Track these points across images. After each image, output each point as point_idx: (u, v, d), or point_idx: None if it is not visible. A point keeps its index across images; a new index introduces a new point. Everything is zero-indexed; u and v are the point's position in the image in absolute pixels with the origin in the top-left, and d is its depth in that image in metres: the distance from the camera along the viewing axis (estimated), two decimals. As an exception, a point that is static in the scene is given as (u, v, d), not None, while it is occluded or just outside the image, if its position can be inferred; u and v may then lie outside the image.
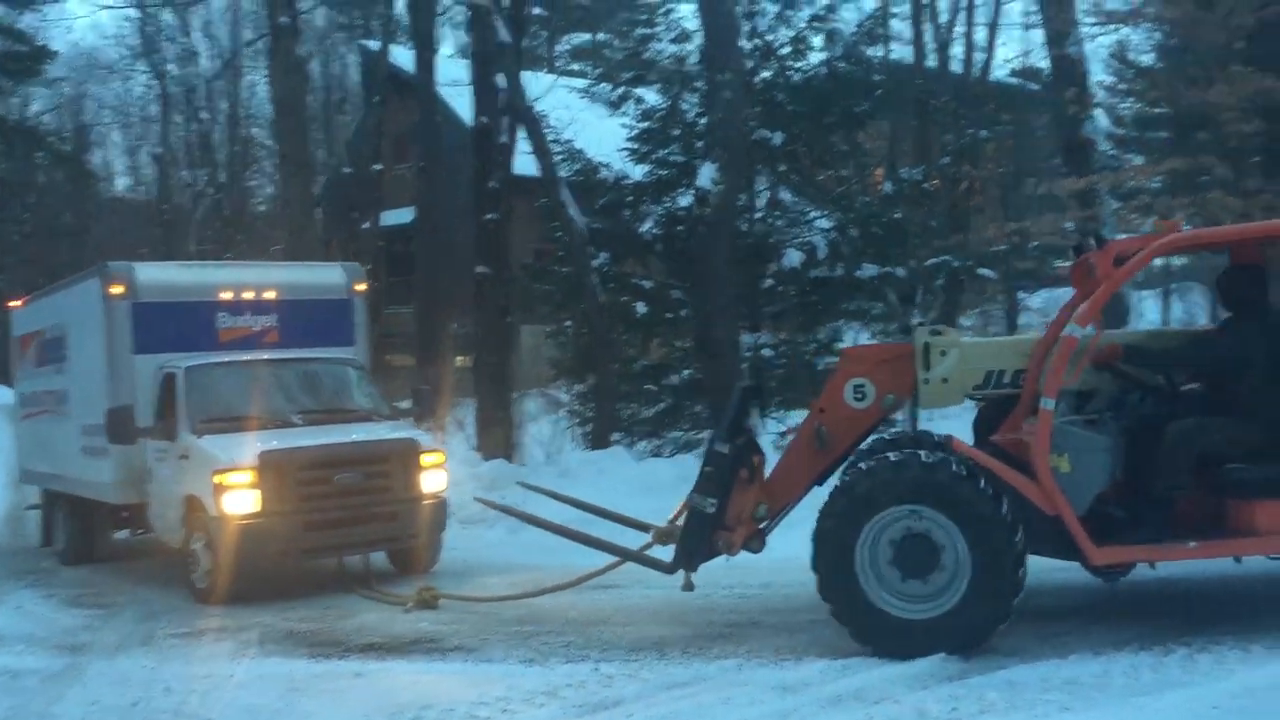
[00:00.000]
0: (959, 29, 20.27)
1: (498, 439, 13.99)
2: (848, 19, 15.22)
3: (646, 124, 14.71)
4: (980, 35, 20.38)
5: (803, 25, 14.58)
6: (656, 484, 11.38)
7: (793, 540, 8.74)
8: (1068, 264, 8.07)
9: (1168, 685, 5.36)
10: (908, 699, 5.47)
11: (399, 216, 23.05)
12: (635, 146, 14.85)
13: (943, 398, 6.87)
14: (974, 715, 5.20)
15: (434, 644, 7.19)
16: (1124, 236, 6.70)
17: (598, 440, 13.78)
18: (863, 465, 6.27)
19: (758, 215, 14.39)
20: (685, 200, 13.63)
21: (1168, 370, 6.55)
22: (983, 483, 5.98)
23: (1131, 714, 5.02)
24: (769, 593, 7.90)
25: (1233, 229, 7.64)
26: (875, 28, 15.92)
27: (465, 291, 15.95)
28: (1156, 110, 18.70)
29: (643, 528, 7.58)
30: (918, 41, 20.33)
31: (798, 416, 14.32)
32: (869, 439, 7.14)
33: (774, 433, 13.90)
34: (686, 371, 14.16)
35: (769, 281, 14.27)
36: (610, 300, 14.24)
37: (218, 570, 8.68)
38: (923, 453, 6.24)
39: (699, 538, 6.74)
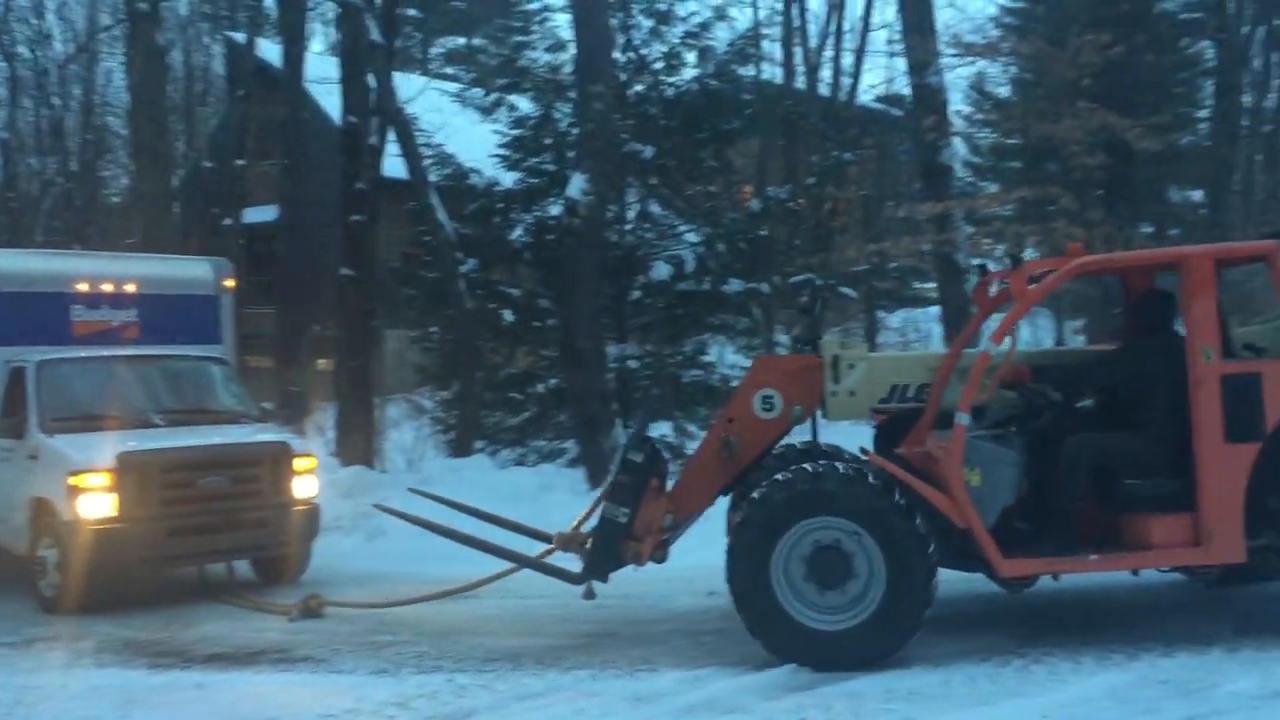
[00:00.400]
0: (828, 53, 20.84)
1: (358, 444, 13.72)
2: (721, 37, 15.41)
3: (519, 131, 14.65)
4: (848, 60, 20.99)
5: (676, 41, 14.72)
6: (519, 492, 11.34)
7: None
8: (931, 285, 8.35)
9: (1004, 695, 5.58)
10: (758, 709, 5.57)
11: (261, 214, 22.46)
12: (507, 154, 14.77)
13: (850, 410, 7.01)
14: (820, 725, 5.32)
15: (281, 654, 7.00)
16: (1038, 257, 6.90)
17: (460, 447, 13.65)
18: (781, 477, 6.26)
19: (627, 227, 14.47)
20: (556, 209, 13.62)
21: (1075, 389, 6.79)
22: (898, 496, 6.09)
23: (968, 723, 5.22)
24: (627, 604, 7.91)
25: (1137, 255, 7.95)
26: (747, 47, 16.12)
27: (329, 293, 15.62)
28: (1010, 141, 19.50)
29: (542, 537, 7.56)
30: (788, 63, 20.83)
31: (662, 428, 14.48)
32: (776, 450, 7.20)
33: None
34: (552, 380, 14.14)
35: (637, 293, 14.36)
36: (477, 307, 14.12)
37: (69, 578, 8.22)
38: (840, 465, 6.34)
39: (610, 547, 6.71)
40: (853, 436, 7.72)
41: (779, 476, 6.26)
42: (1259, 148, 23.88)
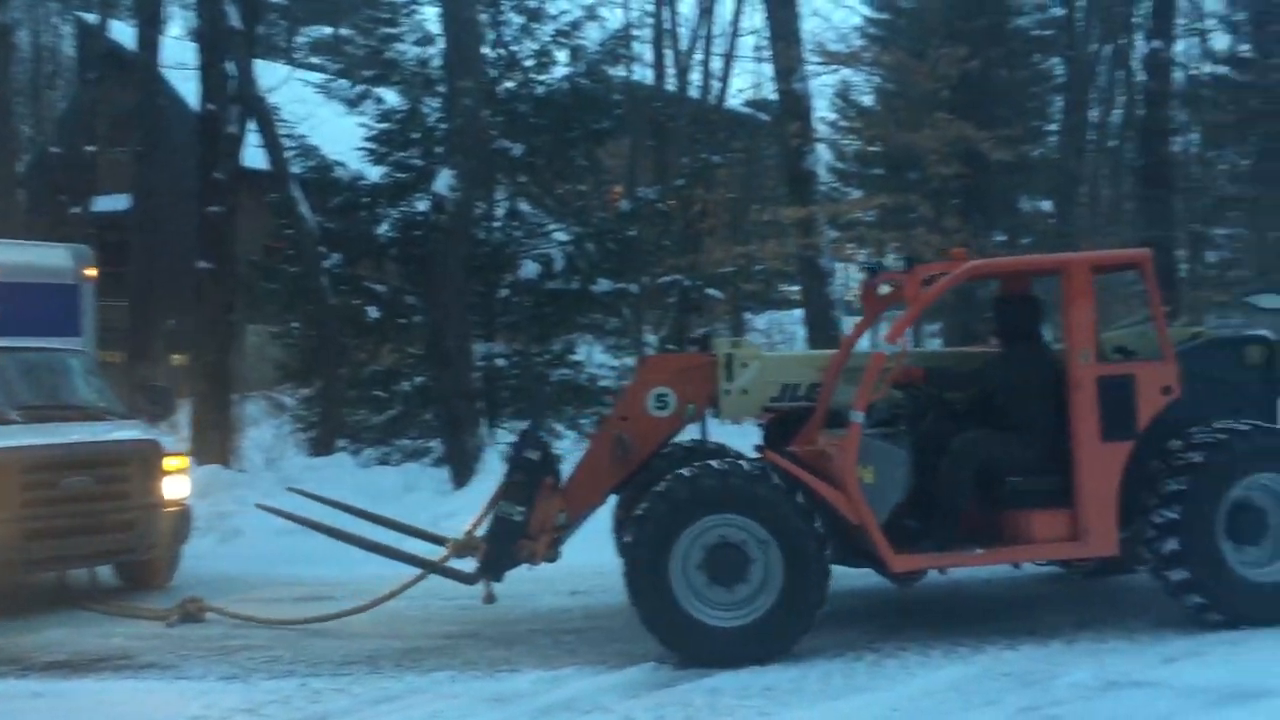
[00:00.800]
0: (698, 56, 21.04)
1: (214, 443, 13.29)
2: (592, 37, 15.43)
3: (386, 125, 14.41)
4: (717, 64, 21.25)
5: (547, 39, 14.69)
6: (382, 492, 11.17)
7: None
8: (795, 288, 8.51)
9: (856, 690, 5.71)
10: (618, 707, 5.58)
11: (113, 203, 21.51)
12: (373, 147, 14.52)
13: (743, 409, 7.09)
14: (678, 722, 5.37)
15: (126, 660, 6.74)
16: (931, 261, 7.06)
17: (322, 446, 13.36)
18: (685, 473, 6.24)
19: (496, 225, 14.37)
20: (423, 205, 13.46)
21: (962, 390, 6.97)
22: (795, 493, 6.17)
23: (820, 717, 5.32)
24: (490, 604, 7.86)
25: (1022, 260, 8.19)
26: (618, 48, 16.20)
27: (185, 286, 15.09)
28: (873, 149, 20.03)
29: (429, 537, 7.40)
30: (658, 65, 20.96)
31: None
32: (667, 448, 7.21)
33: (504, 443, 13.93)
34: (418, 379, 13.95)
35: (505, 291, 14.27)
36: (341, 303, 13.84)
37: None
38: (742, 462, 6.40)
39: (505, 547, 6.64)
40: (736, 436, 7.82)
41: (681, 472, 6.25)
42: (1105, 161, 25.05)
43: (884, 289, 7.49)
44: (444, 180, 11.83)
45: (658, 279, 17.03)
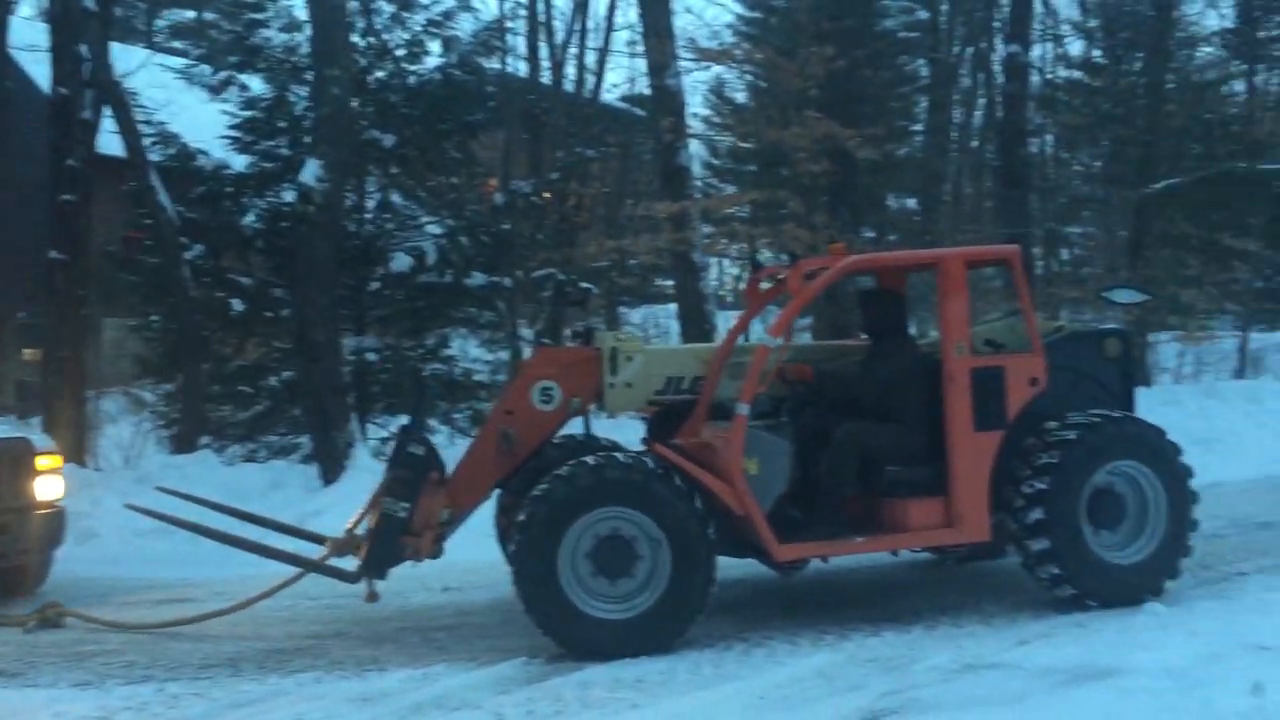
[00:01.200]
0: (573, 50, 21.00)
1: (68, 441, 12.73)
2: (465, 28, 15.25)
3: (250, 113, 14.01)
4: (592, 58, 21.24)
5: (419, 28, 14.48)
6: (247, 490, 10.89)
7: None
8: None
9: (725, 679, 5.78)
10: (487, 703, 5.54)
11: (-42, 190, 20.48)
12: (238, 135, 14.10)
13: (627, 402, 7.10)
14: (549, 716, 5.33)
15: (-30, 670, 6.43)
16: (814, 256, 7.17)
17: (184, 444, 12.94)
18: (563, 471, 6.21)
19: (367, 216, 14.12)
20: (290, 195, 13.11)
21: (845, 384, 7.07)
22: (681, 484, 6.19)
23: (689, 707, 5.36)
24: (359, 603, 7.67)
25: (902, 254, 8.42)
26: (491, 39, 16.07)
27: (35, 278, 14.43)
28: (745, 145, 20.30)
29: (309, 536, 7.20)
30: (533, 58, 20.85)
31: (401, 422, 14.21)
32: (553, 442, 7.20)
33: (375, 439, 13.70)
34: (286, 373, 13.61)
35: (376, 284, 14.03)
36: (204, 296, 13.41)
37: None
38: (622, 455, 6.39)
39: (390, 544, 6.50)
40: (614, 431, 7.82)
41: (561, 470, 6.22)
42: (967, 161, 25.87)
43: (766, 284, 7.60)
44: (311, 170, 11.55)
45: (532, 273, 16.96)
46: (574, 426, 7.43)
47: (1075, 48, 26.22)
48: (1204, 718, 4.76)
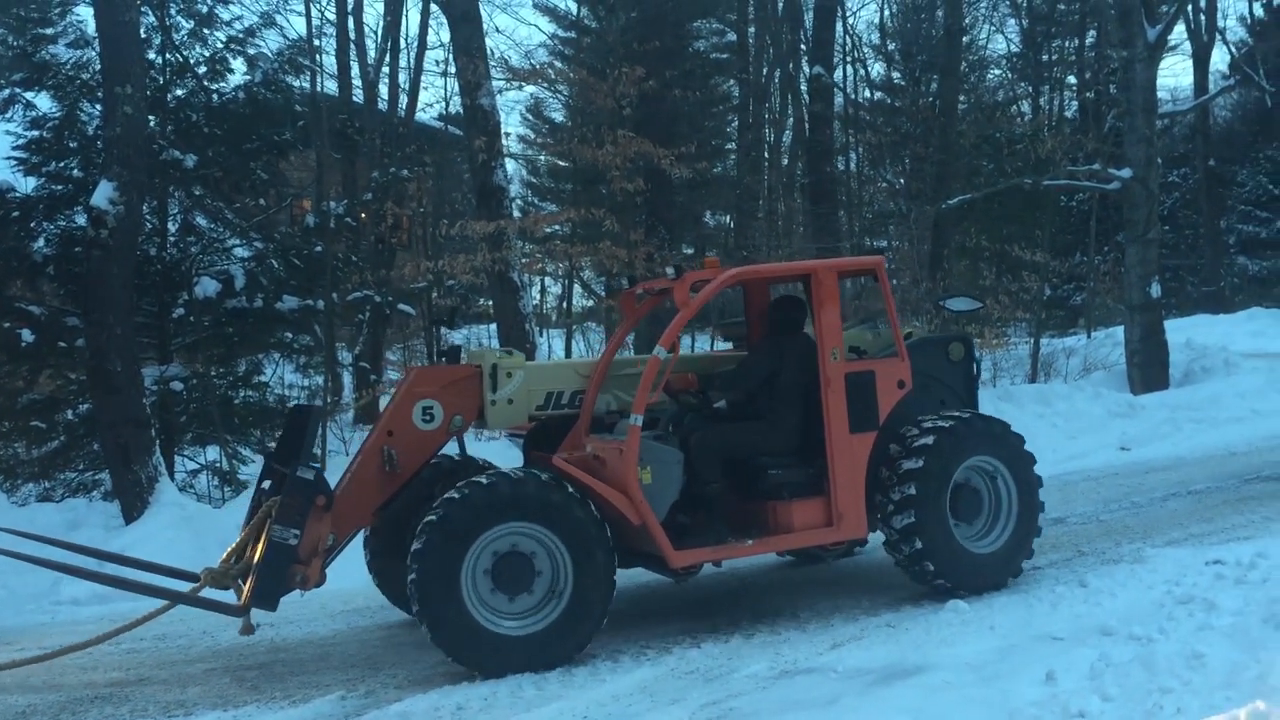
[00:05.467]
0: (385, 69, 20.67)
1: None
2: (272, 45, 14.79)
3: (37, 133, 13.23)
4: (405, 78, 20.95)
5: (220, 45, 13.97)
6: (43, 531, 10.16)
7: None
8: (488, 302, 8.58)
9: (547, 700, 5.75)
10: (301, 743, 5.38)
11: None
12: (24, 156, 13.29)
13: (508, 418, 7.09)
14: (366, 751, 5.23)
15: None
16: (698, 269, 7.26)
17: (-30, 485, 12.10)
18: (456, 493, 6.14)
19: (170, 240, 13.52)
20: (84, 219, 12.43)
21: (730, 390, 7.29)
22: (577, 496, 6.23)
23: (510, 732, 5.33)
24: (164, 645, 7.40)
25: (779, 266, 8.69)
26: (299, 57, 15.62)
27: None
28: (563, 164, 20.39)
29: (182, 575, 6.81)
30: (344, 77, 20.43)
31: (211, 453, 13.65)
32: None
33: (183, 471, 13.13)
34: (83, 406, 12.89)
35: (180, 311, 13.43)
36: (-11, 327, 12.57)
37: None
38: (520, 471, 6.37)
39: (280, 573, 6.21)
40: (484, 450, 7.70)
41: (454, 491, 6.17)
42: (779, 179, 26.65)
43: (641, 298, 7.83)
44: (104, 193, 10.97)
45: (348, 296, 16.57)
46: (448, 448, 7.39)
47: (876, 70, 27.41)
48: (1003, 708, 4.99)
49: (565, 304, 26.96)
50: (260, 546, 6.29)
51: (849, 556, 8.46)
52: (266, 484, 6.87)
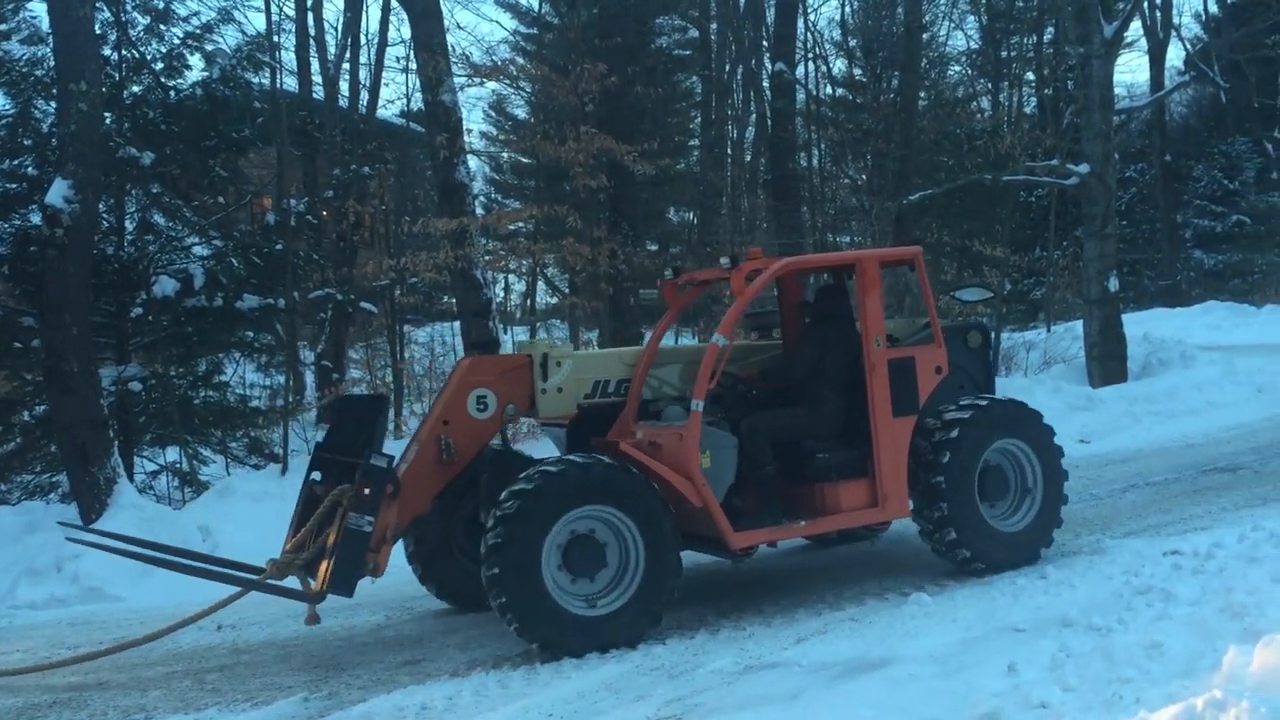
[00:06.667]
0: (346, 65, 20.48)
1: None
2: (230, 42, 14.63)
3: (-11, 131, 13.04)
4: (366, 74, 20.77)
5: (177, 42, 13.81)
6: (-2, 535, 10.10)
7: (152, 589, 8.21)
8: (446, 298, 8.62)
9: (511, 698, 5.74)
10: (262, 745, 5.33)
11: None
12: (-24, 154, 13.09)
13: (558, 406, 7.25)
14: (330, 753, 5.19)
15: None
16: (754, 259, 7.31)
17: (-77, 489, 11.90)
18: (541, 475, 6.25)
19: (128, 238, 13.35)
20: (38, 218, 12.25)
21: (788, 379, 7.48)
22: (644, 481, 6.38)
23: (474, 730, 5.31)
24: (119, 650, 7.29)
25: (827, 256, 8.96)
26: (256, 53, 15.46)
27: None
28: (526, 161, 20.31)
29: (243, 568, 6.81)
30: (303, 73, 20.23)
31: (171, 454, 13.50)
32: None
33: (143, 472, 12.98)
34: (40, 407, 12.71)
35: (139, 310, 13.27)
36: (-58, 328, 12.37)
37: None
38: (604, 457, 6.47)
39: (357, 560, 6.30)
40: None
41: (523, 483, 6.23)
42: (742, 175, 26.70)
43: (684, 287, 7.92)
44: (59, 191, 10.82)
45: (310, 294, 16.43)
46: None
47: (838, 66, 27.53)
48: (966, 699, 5.02)
49: (529, 301, 26.94)
50: (334, 534, 6.35)
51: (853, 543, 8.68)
52: (316, 475, 6.88)
